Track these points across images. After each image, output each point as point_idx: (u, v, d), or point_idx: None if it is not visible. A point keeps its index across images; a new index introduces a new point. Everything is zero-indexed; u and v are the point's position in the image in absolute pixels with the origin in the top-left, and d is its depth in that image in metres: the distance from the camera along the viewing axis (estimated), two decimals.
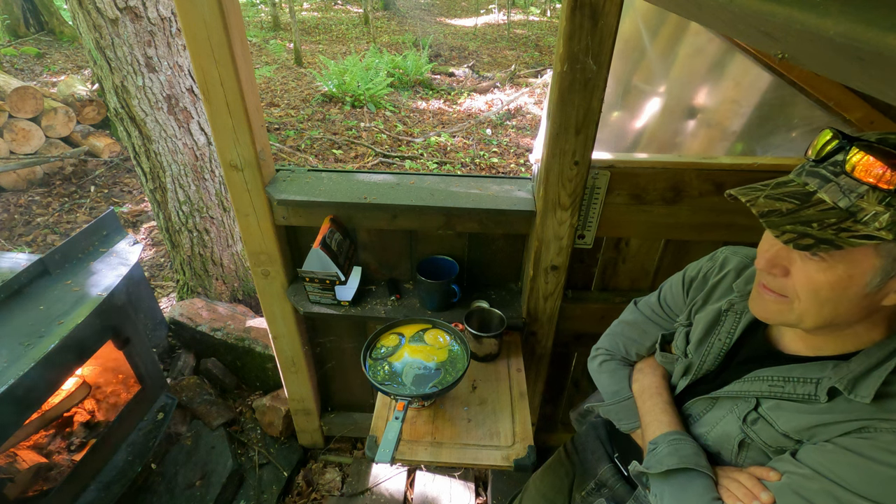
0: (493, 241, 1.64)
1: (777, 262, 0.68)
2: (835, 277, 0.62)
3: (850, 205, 0.59)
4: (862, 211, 0.59)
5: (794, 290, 0.67)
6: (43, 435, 1.72)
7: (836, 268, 0.62)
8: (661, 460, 0.80)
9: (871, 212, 0.58)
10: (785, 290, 0.69)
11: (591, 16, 1.08)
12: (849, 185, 0.60)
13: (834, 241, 0.59)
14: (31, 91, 3.96)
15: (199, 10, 1.17)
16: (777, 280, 0.69)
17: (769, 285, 0.71)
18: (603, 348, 1.09)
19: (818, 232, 0.59)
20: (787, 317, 0.70)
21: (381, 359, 1.34)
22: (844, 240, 0.58)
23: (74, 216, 3.82)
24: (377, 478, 2.07)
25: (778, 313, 0.71)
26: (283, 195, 1.48)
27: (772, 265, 0.69)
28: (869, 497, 0.61)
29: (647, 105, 1.69)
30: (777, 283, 0.70)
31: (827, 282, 0.63)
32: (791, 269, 0.67)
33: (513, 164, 4.91)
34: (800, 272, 0.66)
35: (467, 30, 10.83)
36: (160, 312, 2.20)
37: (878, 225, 0.57)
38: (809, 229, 0.60)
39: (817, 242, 0.59)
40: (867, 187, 0.59)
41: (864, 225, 0.58)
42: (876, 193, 0.58)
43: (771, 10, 0.36)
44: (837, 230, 0.59)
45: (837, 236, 0.59)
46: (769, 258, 0.69)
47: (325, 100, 6.12)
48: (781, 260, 0.68)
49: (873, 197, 0.58)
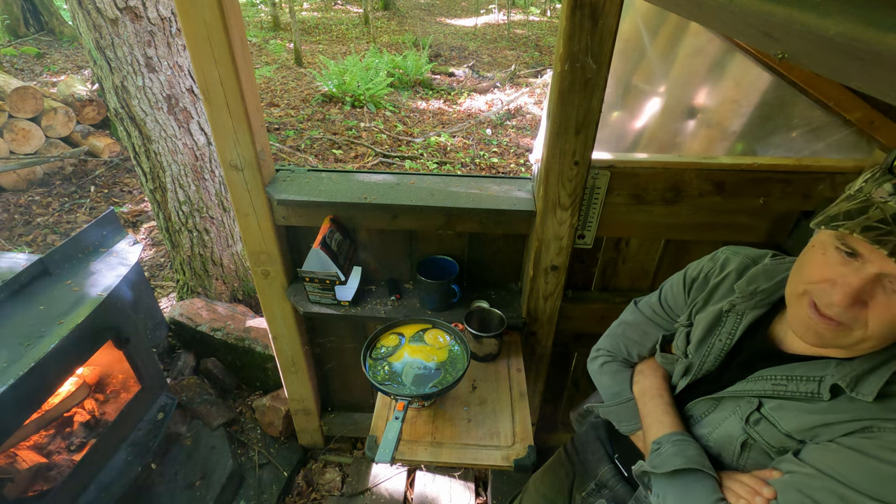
0: (493, 241, 1.64)
1: (861, 297, 0.62)
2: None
3: None
4: None
5: (865, 321, 0.63)
6: (43, 435, 1.72)
7: None
8: (667, 460, 0.80)
9: None
10: (854, 322, 0.64)
11: (591, 16, 1.08)
12: None
13: None
14: (31, 91, 3.96)
15: (199, 10, 1.17)
16: (849, 312, 0.63)
17: (838, 317, 0.64)
18: (604, 349, 1.09)
19: None
20: (843, 342, 0.66)
21: (381, 359, 1.34)
22: None
23: (74, 216, 3.82)
24: (377, 478, 2.07)
25: (834, 339, 0.67)
26: (283, 195, 1.48)
27: (855, 300, 0.63)
28: (873, 495, 0.61)
29: (647, 105, 1.69)
30: (849, 315, 0.64)
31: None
32: (870, 302, 0.62)
33: (513, 164, 4.91)
34: (882, 307, 0.62)
35: (467, 30, 10.83)
36: (160, 312, 2.19)
37: None
38: None
39: None
40: None
41: None
42: None
43: (771, 10, 0.36)
44: None
45: None
46: (853, 293, 0.62)
47: (325, 100, 6.12)
48: (865, 295, 0.62)
49: None
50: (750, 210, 1.46)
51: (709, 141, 1.66)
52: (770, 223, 1.49)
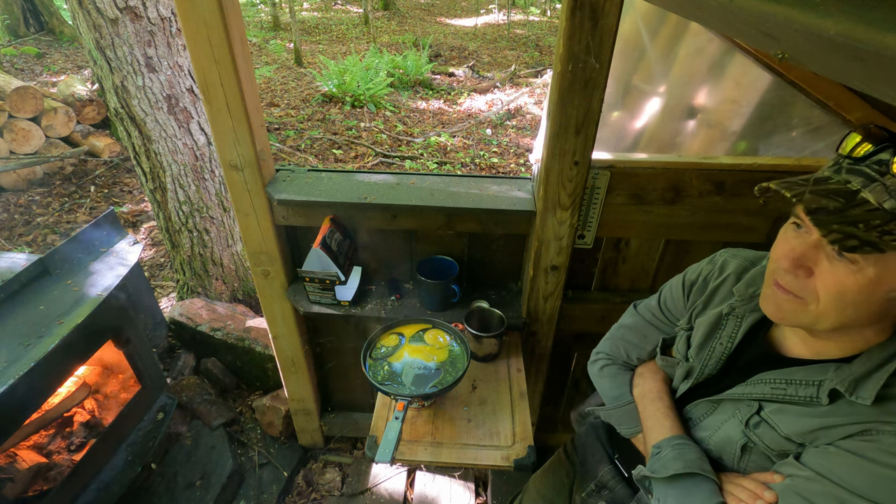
0: (493, 241, 1.64)
1: (803, 262, 0.65)
2: (864, 280, 0.60)
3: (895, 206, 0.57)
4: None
5: (813, 291, 0.65)
6: (43, 435, 1.72)
7: (867, 271, 0.60)
8: (666, 464, 0.80)
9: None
10: (804, 291, 0.66)
11: (592, 16, 1.08)
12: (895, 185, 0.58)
13: (877, 244, 0.56)
14: (31, 91, 3.96)
15: (199, 10, 1.17)
16: (798, 281, 0.66)
17: (788, 286, 0.68)
18: (603, 353, 1.08)
19: (864, 234, 0.57)
20: (802, 318, 0.68)
21: (381, 359, 1.34)
22: (887, 243, 0.56)
23: (74, 216, 3.82)
24: (377, 478, 2.07)
25: (792, 313, 0.69)
26: (283, 195, 1.48)
27: (797, 265, 0.65)
28: (871, 498, 0.61)
29: (647, 105, 1.69)
30: (797, 283, 0.66)
31: (856, 284, 0.61)
32: (816, 269, 0.65)
33: (513, 164, 4.91)
34: (827, 274, 0.63)
35: (467, 30, 10.83)
36: (160, 312, 2.19)
37: None
38: (856, 230, 0.57)
39: (862, 244, 0.57)
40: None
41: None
42: None
43: (771, 10, 0.36)
44: (882, 233, 0.57)
45: (881, 239, 0.56)
46: (795, 258, 0.66)
47: (325, 100, 6.12)
48: (808, 261, 0.65)
49: None
50: (750, 210, 1.46)
51: (709, 141, 1.66)
52: (770, 223, 1.49)
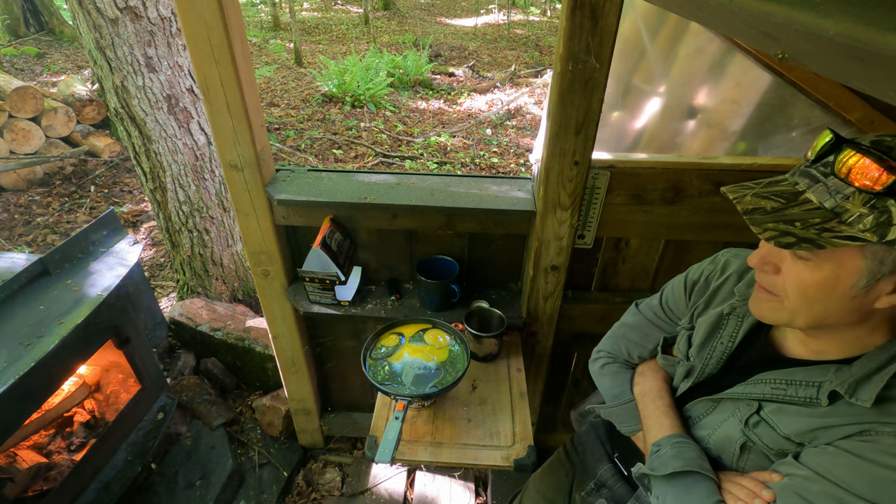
0: (493, 241, 1.64)
1: (768, 259, 0.70)
2: (821, 277, 0.64)
3: (836, 205, 0.60)
4: (847, 212, 0.59)
5: (783, 288, 0.69)
6: (43, 435, 1.72)
7: (823, 267, 0.63)
8: (666, 462, 0.80)
9: (855, 213, 0.59)
10: (775, 287, 0.71)
11: (592, 16, 1.08)
12: (836, 185, 0.61)
13: (816, 241, 0.59)
14: (31, 91, 3.96)
15: (199, 10, 1.17)
16: (768, 277, 0.71)
17: (762, 283, 0.73)
18: (604, 351, 1.09)
19: (801, 231, 0.60)
20: (780, 316, 0.72)
21: (381, 359, 1.34)
22: (827, 240, 0.59)
23: (74, 216, 3.82)
24: (377, 478, 2.07)
25: (770, 311, 0.73)
26: (283, 195, 1.48)
27: (763, 262, 0.71)
28: (869, 499, 0.61)
29: (647, 105, 1.69)
30: (768, 280, 0.71)
31: (814, 281, 0.65)
32: (782, 267, 0.69)
33: (513, 164, 4.91)
34: (790, 270, 0.68)
35: (467, 30, 10.83)
36: (160, 312, 2.19)
37: (863, 227, 0.58)
38: (792, 228, 0.61)
39: (798, 241, 0.60)
40: (853, 189, 0.59)
41: (849, 226, 0.59)
42: (861, 196, 0.59)
43: (771, 10, 0.36)
44: (821, 230, 0.60)
45: (820, 236, 0.59)
46: (762, 255, 0.71)
47: (325, 100, 6.12)
48: (773, 258, 0.70)
49: (858, 199, 0.59)
50: None
51: (709, 141, 1.66)
52: None
